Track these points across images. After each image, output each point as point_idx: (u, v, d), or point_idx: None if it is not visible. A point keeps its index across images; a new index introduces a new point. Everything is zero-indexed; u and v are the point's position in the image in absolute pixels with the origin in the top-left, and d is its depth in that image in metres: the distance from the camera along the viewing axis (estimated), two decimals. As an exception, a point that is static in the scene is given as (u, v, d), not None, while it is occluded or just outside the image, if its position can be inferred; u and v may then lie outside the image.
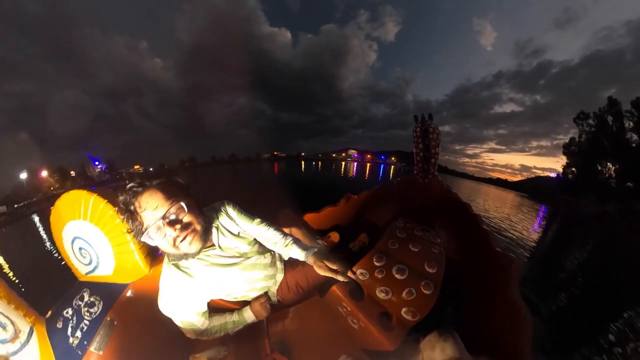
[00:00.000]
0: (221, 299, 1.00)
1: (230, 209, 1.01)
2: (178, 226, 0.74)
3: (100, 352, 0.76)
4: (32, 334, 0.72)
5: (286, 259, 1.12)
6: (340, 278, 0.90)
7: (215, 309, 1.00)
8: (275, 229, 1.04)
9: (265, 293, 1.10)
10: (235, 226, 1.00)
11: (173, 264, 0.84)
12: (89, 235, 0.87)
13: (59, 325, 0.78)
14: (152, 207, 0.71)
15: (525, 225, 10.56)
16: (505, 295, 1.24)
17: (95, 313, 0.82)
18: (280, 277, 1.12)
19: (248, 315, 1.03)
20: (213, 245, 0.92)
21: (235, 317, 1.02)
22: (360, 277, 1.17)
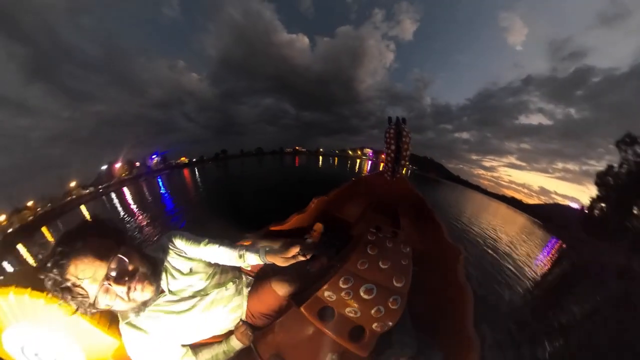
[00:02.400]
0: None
1: (177, 241, 0.90)
2: (126, 279, 0.66)
3: None
4: None
5: (249, 268, 0.99)
6: (301, 259, 0.88)
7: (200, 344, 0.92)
8: (226, 245, 0.93)
9: (243, 321, 1.04)
10: (186, 262, 0.89)
11: (126, 323, 0.75)
12: (36, 336, 0.72)
13: None
14: (90, 274, 0.61)
15: (528, 254, 9.15)
16: (454, 278, 1.34)
17: None
18: (245, 305, 1.06)
19: (236, 343, 0.98)
20: (163, 291, 0.81)
21: (224, 346, 0.97)
22: (328, 299, 1.12)
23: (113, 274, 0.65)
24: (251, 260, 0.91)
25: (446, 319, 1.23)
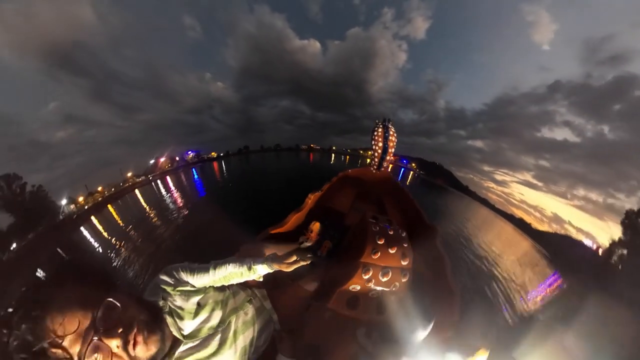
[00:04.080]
0: None
1: (181, 274, 0.76)
2: (119, 330, 0.48)
3: None
4: None
5: (261, 279, 0.91)
6: (303, 263, 0.88)
7: None
8: (233, 263, 0.84)
9: (281, 332, 1.02)
10: (192, 296, 0.75)
11: None
12: None
13: None
14: (73, 327, 0.43)
15: (524, 284, 8.49)
16: (434, 249, 1.70)
17: None
18: (275, 316, 1.03)
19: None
20: (179, 340, 0.66)
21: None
22: (353, 290, 1.27)
23: (102, 324, 0.46)
24: (261, 270, 0.86)
25: (433, 278, 1.53)
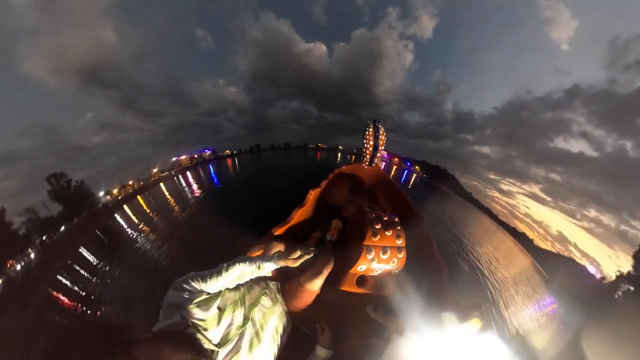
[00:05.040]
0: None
1: (194, 284, 0.75)
2: None
3: None
4: None
5: (270, 274, 1.01)
6: (307, 257, 0.93)
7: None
8: (242, 262, 0.88)
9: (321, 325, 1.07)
10: (210, 303, 0.75)
11: None
12: None
13: None
14: None
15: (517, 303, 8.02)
16: (421, 231, 1.93)
17: None
18: (286, 308, 1.07)
19: (322, 351, 1.00)
20: (214, 351, 0.68)
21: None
22: (359, 271, 1.46)
23: None
24: (269, 267, 0.91)
25: (423, 254, 1.73)
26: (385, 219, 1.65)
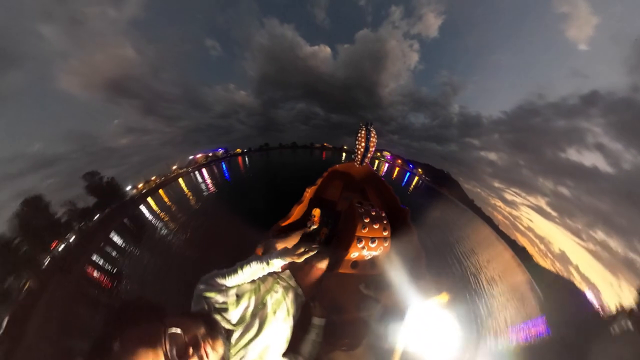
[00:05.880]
0: None
1: (216, 280, 0.87)
2: (190, 352, 0.55)
3: None
4: None
5: (280, 269, 1.07)
6: (311, 253, 1.01)
7: None
8: (254, 261, 0.96)
9: (312, 302, 1.21)
10: (230, 292, 0.87)
11: None
12: None
13: None
14: None
15: (506, 319, 7.66)
16: (405, 223, 2.22)
17: None
18: (300, 290, 1.20)
19: (319, 321, 1.14)
20: (230, 330, 0.78)
21: (313, 332, 1.11)
22: (352, 257, 1.69)
23: (175, 353, 0.51)
24: (278, 263, 0.98)
25: (406, 242, 1.97)
26: (373, 213, 1.81)
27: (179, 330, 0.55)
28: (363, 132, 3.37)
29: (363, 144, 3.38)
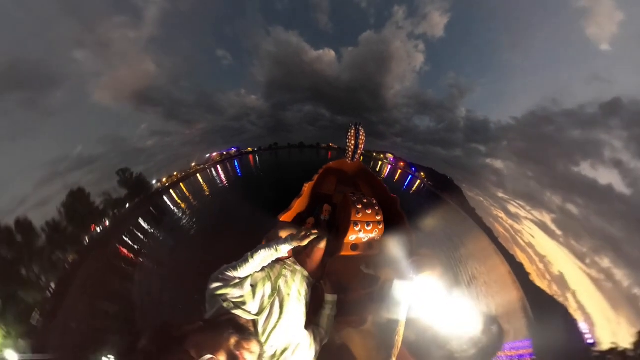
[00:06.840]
0: None
1: (229, 274, 0.89)
2: None
3: None
4: None
5: (287, 254, 1.15)
6: (313, 237, 1.10)
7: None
8: (263, 249, 1.02)
9: (322, 281, 1.30)
10: (244, 283, 0.90)
11: None
12: None
13: None
14: None
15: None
16: (395, 210, 2.35)
17: None
18: (306, 272, 1.29)
19: (331, 297, 1.22)
20: (253, 320, 0.82)
21: (327, 308, 1.20)
22: (351, 240, 1.80)
23: None
24: (284, 249, 1.06)
25: (397, 225, 2.20)
26: (365, 201, 1.99)
27: (209, 355, 0.53)
28: (352, 131, 3.59)
29: (353, 142, 3.58)
